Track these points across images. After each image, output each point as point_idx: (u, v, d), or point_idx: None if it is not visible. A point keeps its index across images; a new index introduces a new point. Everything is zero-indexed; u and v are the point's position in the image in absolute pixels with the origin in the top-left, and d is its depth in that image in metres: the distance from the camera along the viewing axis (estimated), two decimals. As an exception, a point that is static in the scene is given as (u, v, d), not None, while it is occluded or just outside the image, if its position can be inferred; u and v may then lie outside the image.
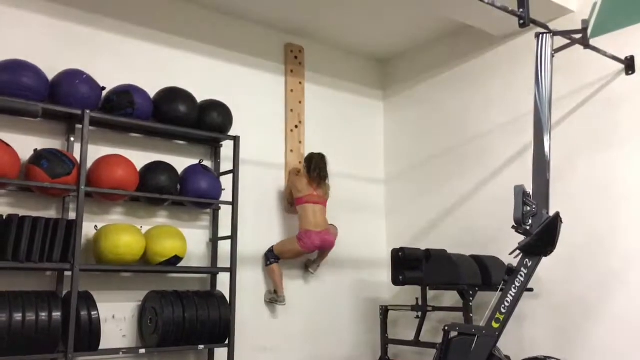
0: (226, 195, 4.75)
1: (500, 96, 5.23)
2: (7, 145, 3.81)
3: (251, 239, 5.12)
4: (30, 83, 3.89)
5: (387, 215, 6.20)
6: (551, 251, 3.42)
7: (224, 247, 4.81)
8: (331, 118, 5.90)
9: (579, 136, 4.59)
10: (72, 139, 4.27)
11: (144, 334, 4.39)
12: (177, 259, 4.38)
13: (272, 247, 5.18)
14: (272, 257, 5.14)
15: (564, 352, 4.35)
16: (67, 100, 4.06)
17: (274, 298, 5.13)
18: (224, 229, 4.83)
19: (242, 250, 4.87)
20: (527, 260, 3.38)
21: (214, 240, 4.88)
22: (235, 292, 4.59)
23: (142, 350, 4.21)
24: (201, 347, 4.38)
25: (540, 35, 3.76)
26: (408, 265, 4.92)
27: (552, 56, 3.73)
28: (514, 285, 3.37)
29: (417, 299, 5.00)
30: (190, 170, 4.64)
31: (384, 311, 5.35)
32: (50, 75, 4.08)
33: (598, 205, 4.42)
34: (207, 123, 4.71)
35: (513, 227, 3.41)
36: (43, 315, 3.68)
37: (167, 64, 4.91)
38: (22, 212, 3.88)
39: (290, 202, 5.36)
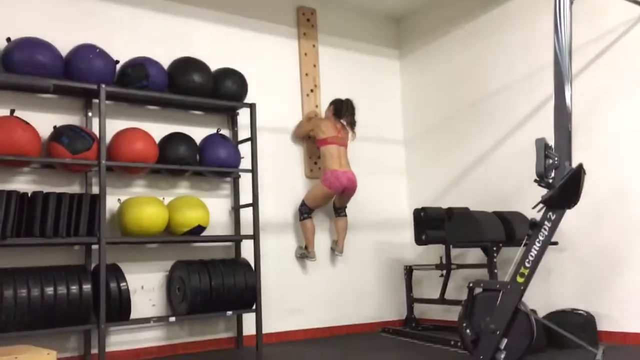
0: (245, 163, 4.76)
1: (520, 48, 5.10)
2: (27, 123, 3.85)
3: (272, 205, 5.15)
4: (44, 60, 3.91)
5: (407, 176, 6.17)
6: (575, 203, 3.37)
7: (246, 214, 4.84)
8: (347, 80, 5.83)
9: (602, 85, 4.47)
10: (90, 114, 4.30)
11: (172, 302, 4.48)
12: (200, 228, 4.43)
13: (303, 199, 5.21)
14: (305, 211, 5.17)
15: (591, 305, 4.34)
16: (82, 75, 4.08)
17: (304, 254, 5.19)
18: (245, 197, 4.86)
19: (264, 217, 4.91)
20: (550, 213, 3.34)
21: (236, 208, 4.92)
22: (259, 259, 4.64)
23: (172, 319, 4.30)
24: (229, 313, 4.46)
25: (558, -18, 3.63)
26: (430, 224, 4.93)
27: (571, 3, 3.60)
28: (537, 239, 3.34)
29: (440, 257, 5.01)
30: (208, 140, 4.66)
31: (408, 271, 5.38)
32: (63, 50, 4.07)
33: (623, 154, 4.33)
34: (223, 92, 4.70)
35: (535, 180, 3.36)
36: (74, 288, 3.77)
37: (178, 34, 4.88)
38: (46, 189, 3.94)
39: (298, 136, 5.42)
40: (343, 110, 5.27)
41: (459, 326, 3.60)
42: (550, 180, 3.31)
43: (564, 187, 3.27)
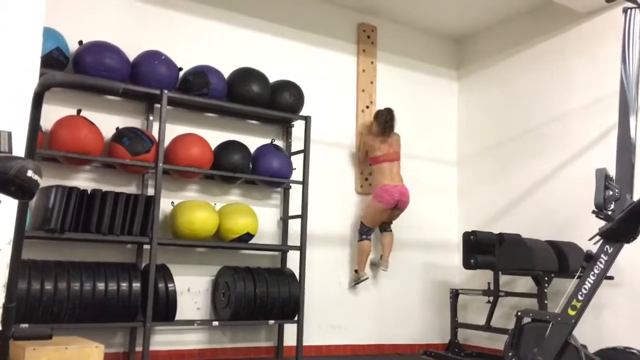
0: (297, 175, 4.80)
1: (583, 75, 4.98)
2: (92, 123, 4.01)
3: (321, 218, 5.15)
4: (112, 64, 4.06)
5: (459, 198, 6.09)
6: (634, 238, 3.25)
7: (294, 225, 4.88)
8: (403, 98, 5.81)
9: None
10: (151, 117, 4.43)
11: (217, 307, 4.54)
12: (249, 236, 4.48)
13: (361, 220, 5.22)
14: (364, 231, 5.18)
15: (645, 344, 4.15)
16: (146, 80, 4.22)
17: (357, 278, 5.19)
18: (295, 208, 4.89)
19: (312, 229, 4.92)
20: (607, 246, 3.23)
21: (285, 218, 4.96)
22: (304, 270, 4.65)
23: (216, 323, 4.36)
24: (271, 322, 4.49)
25: (629, 10, 3.55)
26: (480, 249, 4.84)
27: (641, 32, 3.51)
28: (592, 272, 3.24)
29: (488, 283, 4.91)
30: (262, 149, 4.72)
31: (454, 295, 5.28)
32: (130, 55, 4.23)
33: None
34: (279, 103, 4.76)
35: (593, 212, 3.27)
36: (124, 285, 3.87)
37: (240, 45, 4.99)
38: (104, 188, 4.08)
39: (362, 160, 5.39)
40: (382, 123, 5.16)
41: (504, 355, 3.51)
42: (610, 212, 3.21)
43: (623, 220, 3.16)
